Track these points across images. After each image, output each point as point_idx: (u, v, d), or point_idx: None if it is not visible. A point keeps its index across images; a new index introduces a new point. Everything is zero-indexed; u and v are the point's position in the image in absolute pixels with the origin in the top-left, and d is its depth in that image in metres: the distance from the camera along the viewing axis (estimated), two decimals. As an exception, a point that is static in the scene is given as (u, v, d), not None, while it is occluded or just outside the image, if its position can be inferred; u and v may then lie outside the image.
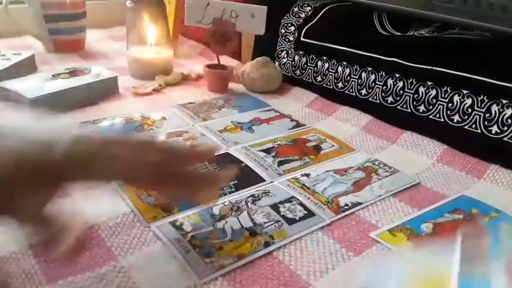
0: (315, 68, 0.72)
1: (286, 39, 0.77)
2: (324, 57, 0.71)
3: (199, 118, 0.60)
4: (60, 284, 0.32)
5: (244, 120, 0.60)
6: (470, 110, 0.53)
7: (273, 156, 0.51)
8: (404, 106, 0.60)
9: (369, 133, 0.59)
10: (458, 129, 0.54)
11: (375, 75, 0.63)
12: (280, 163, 0.50)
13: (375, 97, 0.63)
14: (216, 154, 0.48)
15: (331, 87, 0.69)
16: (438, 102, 0.56)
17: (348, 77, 0.67)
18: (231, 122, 0.60)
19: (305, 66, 0.73)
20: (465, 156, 0.51)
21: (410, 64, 0.59)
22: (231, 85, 0.73)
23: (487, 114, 0.52)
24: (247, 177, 0.47)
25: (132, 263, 0.34)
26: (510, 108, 0.50)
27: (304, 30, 0.74)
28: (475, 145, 0.52)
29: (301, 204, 0.43)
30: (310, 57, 0.73)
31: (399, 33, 0.66)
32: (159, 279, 0.33)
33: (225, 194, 0.44)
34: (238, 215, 0.40)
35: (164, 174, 0.33)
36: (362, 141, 0.57)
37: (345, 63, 0.68)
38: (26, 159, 0.29)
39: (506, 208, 0.43)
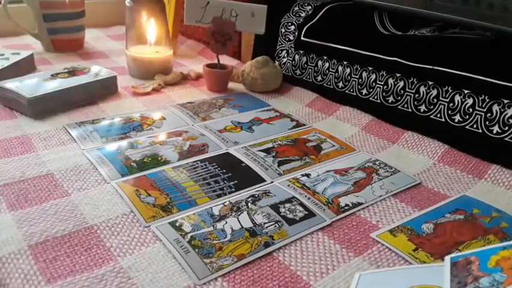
0: (316, 68, 0.72)
1: (287, 39, 0.77)
2: (325, 57, 0.70)
3: (198, 118, 0.60)
4: (59, 284, 0.32)
5: (244, 120, 0.60)
6: (471, 109, 0.53)
7: (273, 156, 0.51)
8: (405, 106, 0.60)
9: (370, 133, 0.58)
10: (459, 129, 0.54)
11: (376, 74, 0.63)
12: (281, 163, 0.50)
13: (375, 97, 0.63)
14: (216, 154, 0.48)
15: (331, 86, 0.69)
16: (440, 102, 0.56)
17: (349, 77, 0.67)
18: (231, 121, 0.60)
19: (305, 65, 0.73)
20: (466, 157, 0.51)
21: (411, 64, 0.59)
22: (231, 85, 0.73)
23: (488, 114, 0.52)
24: (247, 177, 0.47)
25: (131, 263, 0.34)
26: (511, 108, 0.50)
27: (304, 29, 0.74)
28: (476, 145, 0.52)
29: (301, 204, 0.42)
30: (310, 56, 0.73)
31: (400, 33, 0.66)
32: (158, 279, 0.33)
33: (225, 194, 0.43)
34: (238, 215, 0.40)
35: None
36: (363, 141, 0.57)
37: (345, 62, 0.67)
38: None
39: (507, 208, 0.43)
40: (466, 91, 0.54)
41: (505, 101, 0.51)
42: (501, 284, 0.26)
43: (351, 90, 0.66)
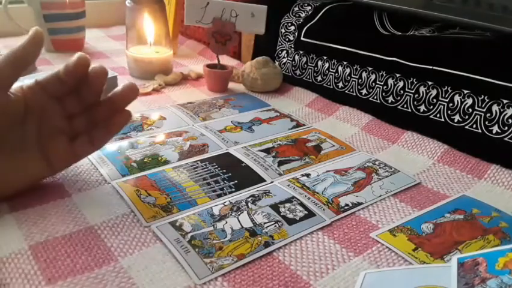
0: (315, 68, 0.72)
1: (287, 39, 0.77)
2: (325, 57, 0.70)
3: (199, 118, 0.60)
4: (59, 284, 0.32)
5: (244, 120, 0.60)
6: (470, 110, 0.53)
7: (273, 156, 0.51)
8: (405, 106, 0.60)
9: (370, 133, 0.58)
10: (458, 129, 0.54)
11: (376, 75, 0.63)
12: (281, 163, 0.50)
13: (375, 97, 0.63)
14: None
15: (331, 87, 0.69)
16: (439, 102, 0.56)
17: (349, 77, 0.67)
18: (231, 121, 0.60)
19: (305, 66, 0.73)
20: (466, 156, 0.51)
21: (411, 64, 0.59)
22: (231, 85, 0.73)
23: (488, 114, 0.52)
24: (247, 177, 0.47)
25: (132, 263, 0.34)
26: (511, 108, 0.50)
27: (304, 29, 0.74)
28: (476, 145, 0.52)
29: (301, 204, 0.42)
30: (310, 56, 0.73)
31: (399, 33, 0.66)
32: (159, 279, 0.33)
33: (225, 194, 0.44)
34: (238, 215, 0.40)
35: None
36: (363, 141, 0.57)
37: (345, 62, 0.67)
38: None
39: (506, 208, 0.43)
40: (465, 91, 0.54)
41: (505, 101, 0.51)
42: (509, 286, 0.26)
43: (351, 90, 0.66)
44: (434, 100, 0.57)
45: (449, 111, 0.55)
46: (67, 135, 0.42)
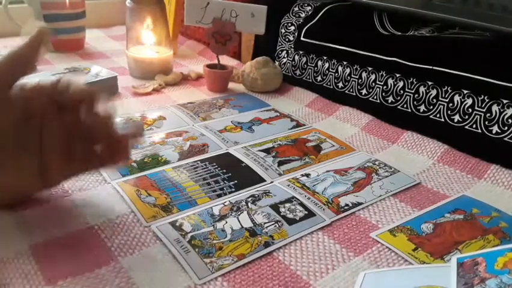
0: (315, 68, 0.72)
1: (286, 39, 0.77)
2: (324, 57, 0.70)
3: (198, 118, 0.60)
4: (59, 284, 0.32)
5: (244, 120, 0.60)
6: (470, 110, 0.53)
7: (273, 156, 0.51)
8: (405, 106, 0.60)
9: (370, 133, 0.58)
10: (458, 129, 0.54)
11: (376, 75, 0.63)
12: (281, 163, 0.50)
13: (375, 97, 0.63)
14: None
15: (331, 87, 0.69)
16: (439, 102, 0.56)
17: (349, 77, 0.67)
18: (231, 121, 0.60)
19: (305, 66, 0.73)
20: (465, 156, 0.51)
21: (411, 64, 0.59)
22: (231, 85, 0.73)
23: (488, 114, 0.52)
24: (247, 177, 0.47)
25: (132, 263, 0.34)
26: (510, 108, 0.50)
27: (304, 29, 0.74)
28: (476, 145, 0.52)
29: (301, 204, 0.42)
30: (310, 57, 0.73)
31: (399, 33, 0.66)
32: (159, 279, 0.33)
33: (225, 194, 0.44)
34: (238, 215, 0.40)
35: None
36: (362, 141, 0.57)
37: (345, 63, 0.67)
38: None
39: (506, 208, 0.43)
40: (465, 91, 0.54)
41: (505, 101, 0.51)
42: (508, 286, 0.26)
43: (351, 90, 0.66)
44: (434, 100, 0.57)
45: (449, 111, 0.55)
46: (66, 138, 0.40)
